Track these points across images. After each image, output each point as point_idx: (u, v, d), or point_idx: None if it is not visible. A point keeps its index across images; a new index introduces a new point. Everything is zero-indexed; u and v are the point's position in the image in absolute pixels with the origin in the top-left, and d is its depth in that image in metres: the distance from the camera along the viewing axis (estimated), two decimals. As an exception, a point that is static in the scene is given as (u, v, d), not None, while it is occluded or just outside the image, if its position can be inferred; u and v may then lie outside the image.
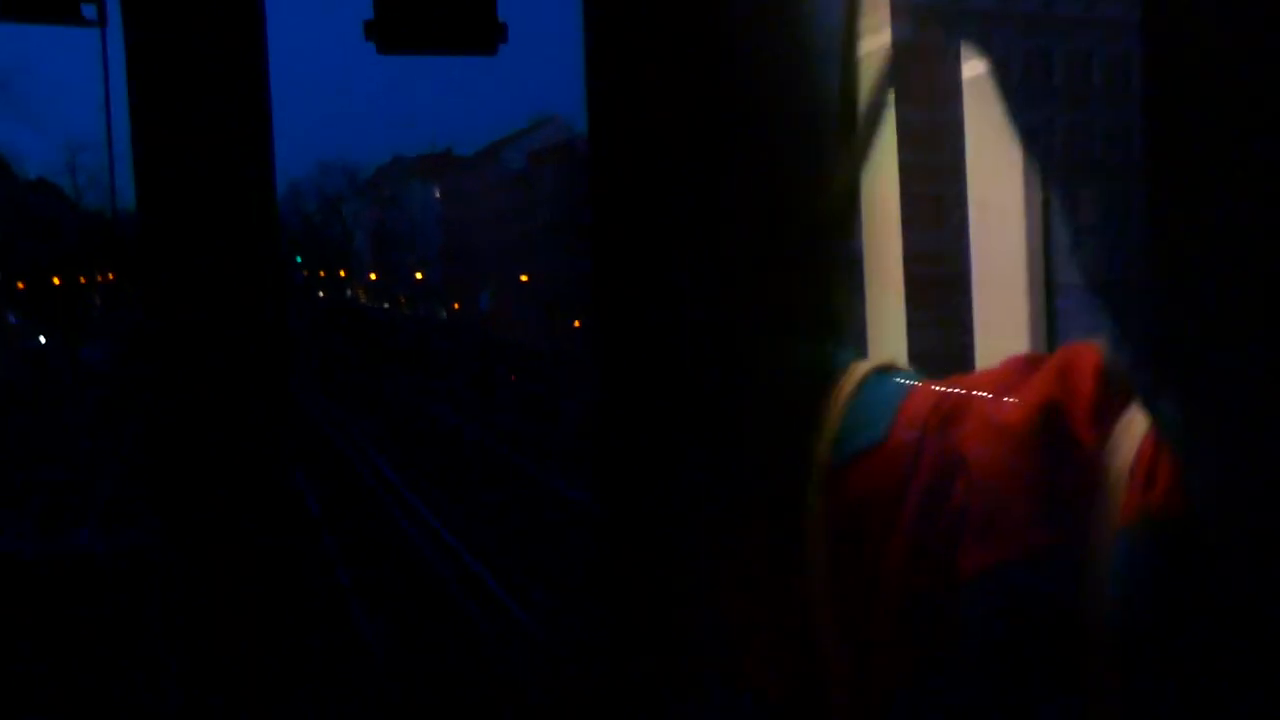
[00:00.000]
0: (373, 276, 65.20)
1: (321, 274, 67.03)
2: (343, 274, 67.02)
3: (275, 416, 1.59)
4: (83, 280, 40.51)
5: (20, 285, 35.67)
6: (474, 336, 38.11)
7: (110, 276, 42.70)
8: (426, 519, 13.94)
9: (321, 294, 63.35)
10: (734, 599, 1.10)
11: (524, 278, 40.51)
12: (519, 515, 13.79)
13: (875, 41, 1.37)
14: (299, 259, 61.78)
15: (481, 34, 1.41)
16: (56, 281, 37.68)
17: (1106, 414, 0.85)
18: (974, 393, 0.93)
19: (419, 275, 59.33)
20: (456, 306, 52.97)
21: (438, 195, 59.72)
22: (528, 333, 33.27)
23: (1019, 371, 0.94)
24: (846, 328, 1.21)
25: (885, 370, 1.02)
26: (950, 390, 0.95)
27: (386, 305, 62.40)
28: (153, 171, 1.54)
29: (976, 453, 0.88)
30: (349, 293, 66.00)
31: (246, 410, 1.55)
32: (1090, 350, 0.89)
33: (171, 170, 1.54)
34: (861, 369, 1.01)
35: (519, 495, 15.10)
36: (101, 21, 1.59)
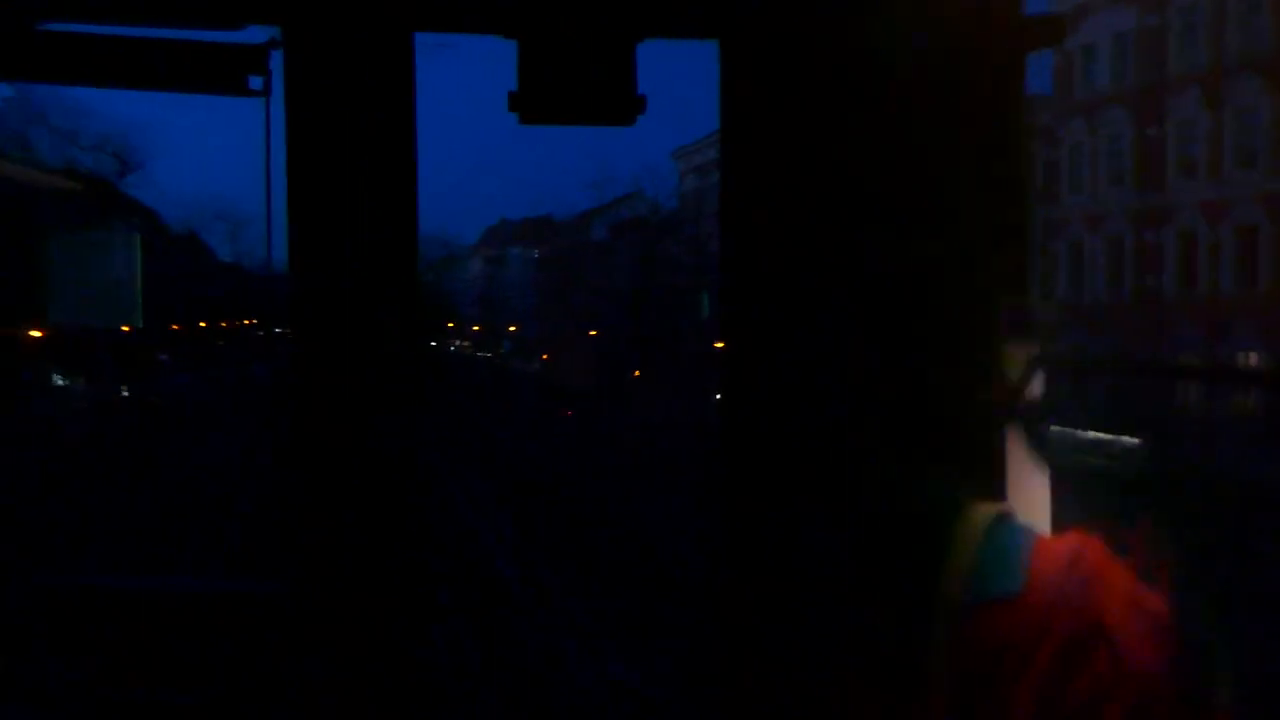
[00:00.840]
0: (476, 328, 66.48)
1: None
2: (450, 325, 68.46)
3: (410, 476, 1.54)
4: (224, 325, 43.39)
5: (175, 327, 37.92)
6: (543, 382, 42.57)
7: (248, 322, 45.28)
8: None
9: (434, 343, 64.97)
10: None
11: (592, 333, 42.85)
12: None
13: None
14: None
15: (621, 106, 1.37)
16: (203, 325, 40.13)
17: None
18: (1113, 559, 0.88)
19: (513, 328, 60.41)
20: (545, 358, 53.92)
21: (535, 257, 60.86)
22: (587, 380, 37.08)
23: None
24: (981, 461, 1.11)
25: (1006, 518, 0.97)
26: (1086, 551, 0.90)
27: (489, 355, 63.46)
28: (305, 230, 1.52)
29: (1121, 628, 0.83)
30: (456, 343, 67.38)
31: (385, 466, 1.50)
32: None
33: (322, 230, 1.51)
34: (986, 513, 0.96)
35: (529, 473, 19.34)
36: (266, 92, 1.59)
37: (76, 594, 1.84)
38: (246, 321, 45.28)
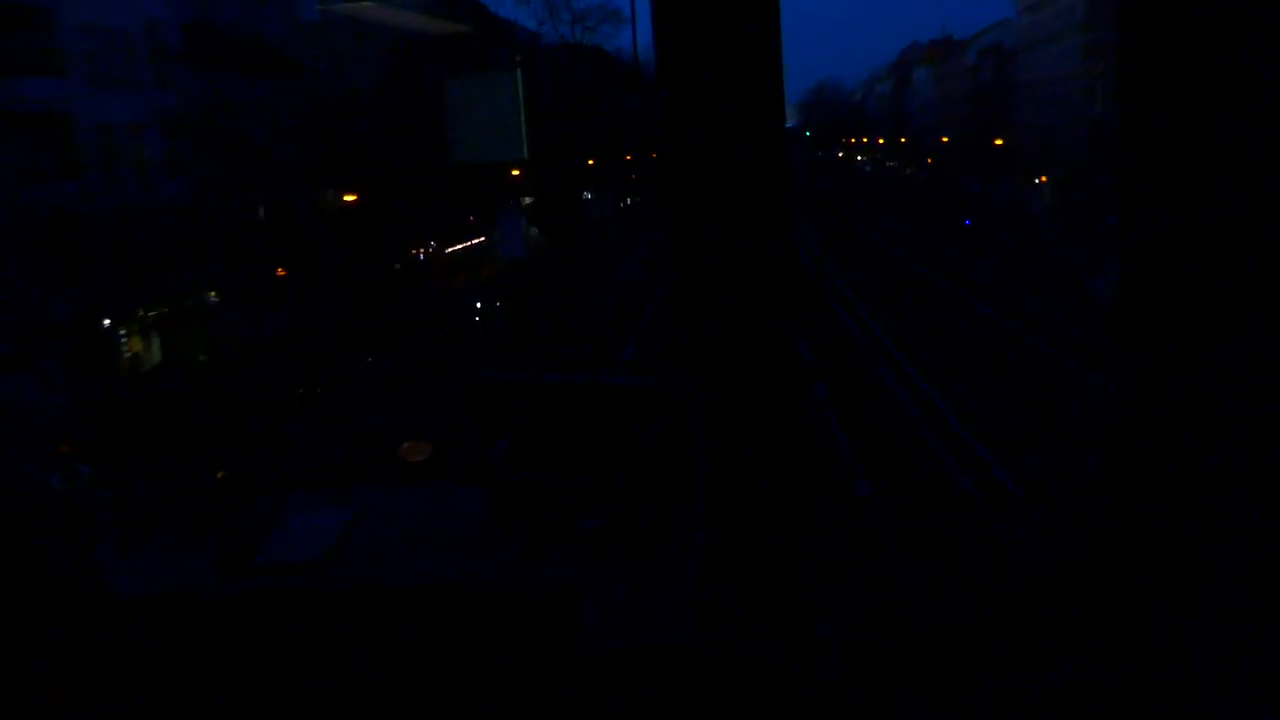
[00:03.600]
0: (880, 141, 69.37)
1: (849, 141, 72.42)
2: (864, 140, 71.82)
3: (782, 286, 1.61)
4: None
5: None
6: (936, 188, 46.58)
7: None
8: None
9: (823, 153, 68.91)
10: None
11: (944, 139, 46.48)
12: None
13: None
14: (808, 133, 68.78)
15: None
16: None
17: None
18: None
19: (902, 139, 62.77)
20: (928, 161, 56.01)
21: (933, 77, 61.66)
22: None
23: None
24: None
25: None
26: None
27: (890, 164, 66.71)
28: (673, 68, 1.66)
29: None
30: (859, 157, 70.86)
31: (756, 275, 1.61)
32: None
33: (690, 62, 1.65)
34: None
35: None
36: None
37: (499, 387, 1.80)
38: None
